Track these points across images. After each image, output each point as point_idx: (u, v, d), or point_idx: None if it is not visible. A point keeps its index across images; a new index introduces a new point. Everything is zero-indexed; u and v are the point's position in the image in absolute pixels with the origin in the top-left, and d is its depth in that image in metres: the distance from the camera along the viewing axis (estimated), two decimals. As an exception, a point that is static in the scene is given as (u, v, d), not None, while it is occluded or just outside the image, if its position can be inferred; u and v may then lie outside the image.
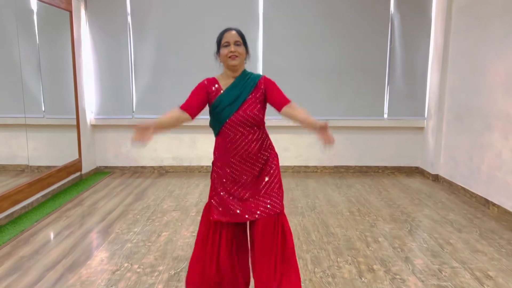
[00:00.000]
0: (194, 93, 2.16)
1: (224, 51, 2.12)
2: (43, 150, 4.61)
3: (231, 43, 2.10)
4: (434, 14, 5.24)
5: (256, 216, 2.11)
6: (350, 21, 5.32)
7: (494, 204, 4.05)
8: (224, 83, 2.18)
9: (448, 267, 2.86)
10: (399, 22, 5.34)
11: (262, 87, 2.18)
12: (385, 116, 5.52)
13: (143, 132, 1.93)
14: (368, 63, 5.41)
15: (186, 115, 2.11)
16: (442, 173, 5.13)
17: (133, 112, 5.49)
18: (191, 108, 2.13)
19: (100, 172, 5.57)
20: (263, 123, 2.22)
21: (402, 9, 5.32)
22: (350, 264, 2.90)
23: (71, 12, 4.87)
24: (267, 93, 2.18)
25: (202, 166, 5.63)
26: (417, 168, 5.64)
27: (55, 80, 4.86)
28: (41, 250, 3.11)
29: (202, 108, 2.18)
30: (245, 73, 2.20)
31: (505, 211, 3.87)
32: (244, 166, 2.16)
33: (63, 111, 5.03)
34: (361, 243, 3.25)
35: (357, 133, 5.56)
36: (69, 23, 4.89)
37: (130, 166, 5.63)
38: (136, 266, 2.85)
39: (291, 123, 5.22)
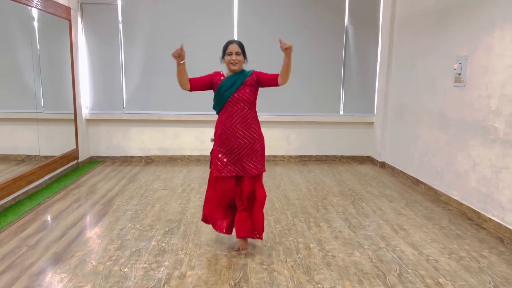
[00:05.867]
0: (205, 77, 3.02)
1: (227, 58, 2.98)
2: (44, 141, 5.25)
3: (233, 52, 2.96)
4: (381, 27, 6.25)
5: (247, 173, 3.03)
6: (312, 33, 6.27)
7: (422, 183, 5.06)
8: (227, 75, 3.06)
9: (375, 223, 3.81)
10: (352, 33, 6.33)
11: (254, 76, 3.04)
12: (341, 112, 6.50)
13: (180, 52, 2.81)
14: (327, 68, 6.38)
15: (188, 84, 2.95)
16: (387, 160, 6.14)
17: (123, 108, 6.26)
18: (195, 82, 2.98)
19: (94, 161, 6.31)
20: (255, 103, 3.08)
21: (355, 23, 6.31)
22: (302, 222, 3.81)
23: (70, 20, 5.61)
24: (260, 80, 3.04)
25: (184, 156, 6.45)
26: (368, 157, 6.65)
27: (55, 80, 5.56)
28: (59, 216, 3.90)
29: (202, 87, 3.02)
30: (241, 71, 3.06)
31: (430, 188, 4.88)
32: (238, 131, 3.00)
33: (62, 107, 5.73)
34: (313, 210, 4.18)
35: (318, 127, 6.51)
36: (68, 30, 5.62)
37: (120, 156, 6.39)
38: (138, 226, 3.67)
39: (262, 118, 6.12)
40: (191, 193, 4.68)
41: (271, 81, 3.03)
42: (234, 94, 2.98)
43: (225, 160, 3.04)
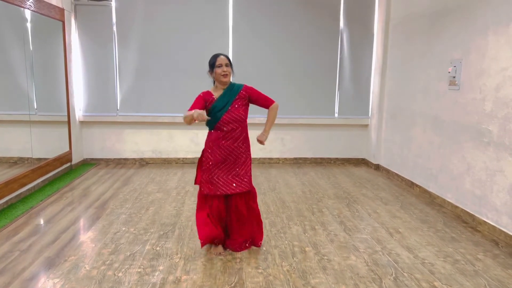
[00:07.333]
0: (196, 101, 2.97)
1: (218, 70, 2.98)
2: (37, 144, 5.19)
3: (223, 64, 2.97)
4: (375, 30, 6.27)
5: (234, 191, 3.04)
6: (307, 35, 6.27)
7: (416, 185, 5.07)
8: (216, 94, 3.05)
9: (370, 227, 3.81)
10: (347, 36, 6.34)
11: (244, 93, 3.05)
12: (336, 115, 6.50)
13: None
14: (322, 70, 6.38)
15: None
16: (382, 162, 6.15)
17: (117, 110, 6.22)
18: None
19: (87, 163, 6.26)
20: (246, 120, 3.10)
21: (350, 26, 6.32)
22: (298, 225, 3.80)
23: (63, 22, 5.56)
24: (251, 98, 3.09)
25: (178, 158, 6.42)
26: (363, 159, 6.65)
27: (48, 82, 5.50)
28: (52, 219, 3.85)
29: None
30: (231, 85, 3.07)
31: (424, 190, 4.88)
32: (230, 150, 3.03)
33: (55, 108, 5.68)
34: (308, 212, 4.16)
35: (313, 129, 6.51)
36: (61, 32, 5.57)
37: (114, 158, 6.35)
38: (132, 229, 3.64)
39: (256, 120, 6.11)
40: (185, 196, 4.65)
41: (263, 105, 3.13)
42: (227, 114, 2.99)
43: (215, 177, 3.06)
